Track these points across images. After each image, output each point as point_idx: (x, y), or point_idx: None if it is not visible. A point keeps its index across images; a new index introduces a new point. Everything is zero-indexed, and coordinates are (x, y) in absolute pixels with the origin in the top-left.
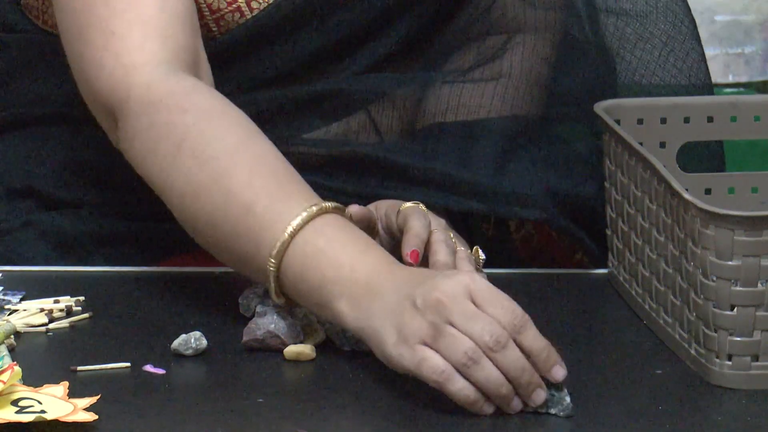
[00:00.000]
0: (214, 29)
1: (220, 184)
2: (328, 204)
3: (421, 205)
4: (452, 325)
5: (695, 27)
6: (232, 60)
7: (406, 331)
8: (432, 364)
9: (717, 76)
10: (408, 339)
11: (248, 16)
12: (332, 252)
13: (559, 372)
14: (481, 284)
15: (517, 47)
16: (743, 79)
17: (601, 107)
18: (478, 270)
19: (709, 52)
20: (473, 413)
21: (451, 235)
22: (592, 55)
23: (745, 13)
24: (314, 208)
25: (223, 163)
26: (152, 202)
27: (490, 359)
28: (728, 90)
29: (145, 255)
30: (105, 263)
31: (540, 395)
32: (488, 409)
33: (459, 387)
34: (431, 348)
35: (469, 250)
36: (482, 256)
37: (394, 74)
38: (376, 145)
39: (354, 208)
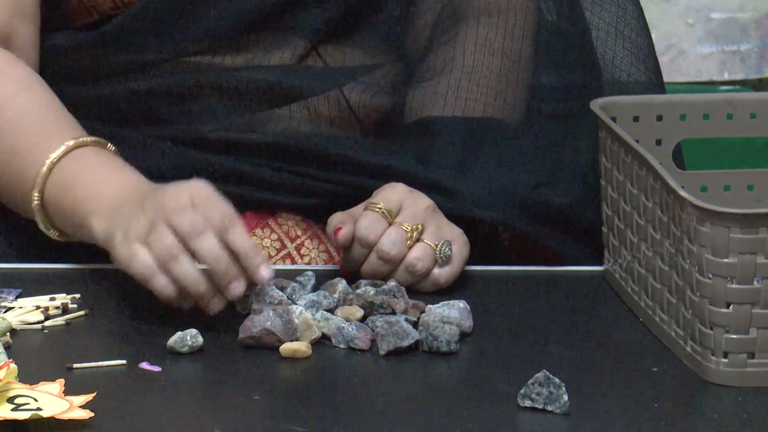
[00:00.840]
0: None
1: None
2: (88, 138)
3: (398, 185)
4: (166, 221)
5: (641, 10)
6: (162, 24)
7: (129, 231)
8: (140, 259)
9: (713, 74)
10: (129, 237)
11: None
12: (85, 175)
13: (265, 271)
14: (202, 189)
15: (470, 34)
16: (739, 76)
17: (597, 104)
18: (437, 263)
19: (705, 50)
20: (471, 413)
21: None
22: (578, 50)
23: (742, 10)
24: (71, 142)
25: None
26: None
27: (189, 249)
28: (724, 87)
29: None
30: (95, 260)
31: (236, 287)
32: (186, 305)
33: (162, 284)
34: (144, 246)
35: (444, 242)
36: (447, 251)
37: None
38: (336, 142)
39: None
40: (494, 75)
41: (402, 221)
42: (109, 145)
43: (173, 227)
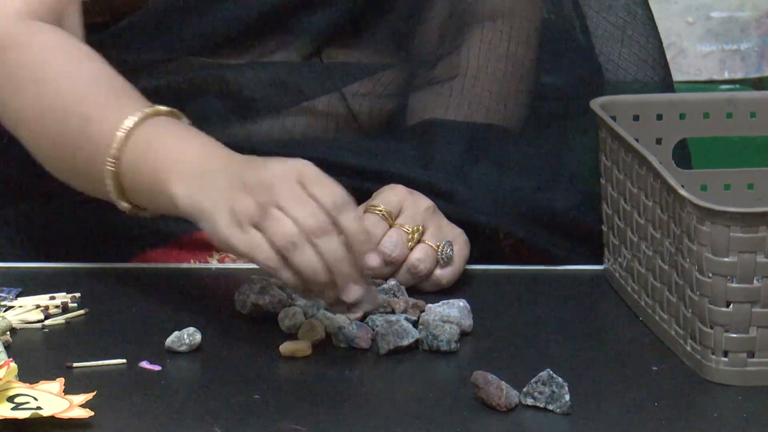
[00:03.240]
0: None
1: (58, 102)
2: (163, 108)
3: (398, 187)
4: (279, 207)
5: (651, 14)
6: (170, 24)
7: (236, 211)
8: (264, 249)
9: (713, 73)
10: (239, 220)
11: None
12: (163, 141)
13: (375, 259)
14: (310, 168)
15: (475, 39)
16: (739, 75)
17: (597, 103)
18: (439, 264)
19: (704, 49)
20: (471, 412)
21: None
22: (579, 50)
23: (741, 9)
24: (147, 110)
25: (60, 84)
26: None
27: (311, 245)
28: (724, 86)
29: (120, 249)
30: (92, 258)
31: (354, 290)
32: (310, 297)
33: (287, 277)
34: (258, 229)
35: (446, 243)
36: (449, 251)
37: (356, 63)
38: (334, 147)
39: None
40: (498, 80)
41: (403, 223)
42: (183, 117)
43: (291, 216)
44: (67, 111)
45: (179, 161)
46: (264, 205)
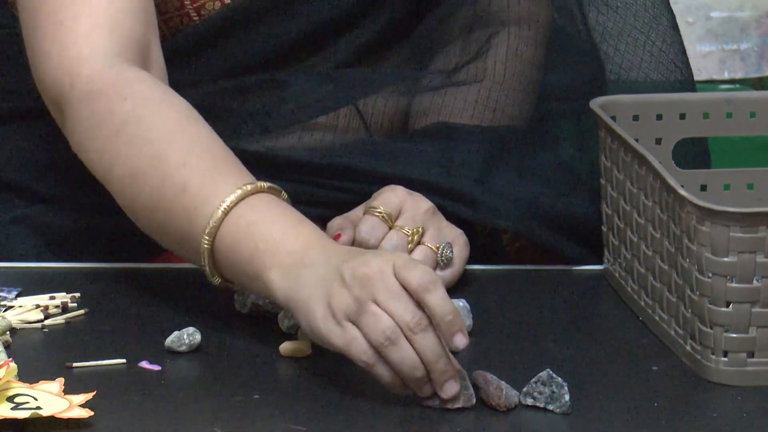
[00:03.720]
0: (195, 18)
1: (156, 167)
2: (263, 183)
3: (398, 188)
4: (376, 302)
5: (674, 18)
6: (212, 46)
7: (333, 306)
8: (359, 344)
9: (712, 73)
10: (335, 314)
11: (227, 1)
12: (264, 225)
13: (461, 341)
14: (402, 258)
15: (501, 45)
16: (739, 75)
17: (596, 103)
18: (439, 266)
19: (704, 49)
20: (471, 412)
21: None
22: (582, 50)
23: (741, 9)
24: (249, 187)
25: (158, 146)
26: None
27: (409, 340)
28: (724, 86)
29: (136, 251)
30: (96, 259)
31: (452, 387)
32: (404, 391)
33: (382, 373)
34: (354, 324)
35: (446, 245)
36: (449, 253)
37: (380, 70)
38: (353, 151)
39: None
40: (522, 86)
41: (402, 225)
42: (282, 192)
43: (387, 311)
44: (165, 177)
45: (279, 248)
46: (361, 300)
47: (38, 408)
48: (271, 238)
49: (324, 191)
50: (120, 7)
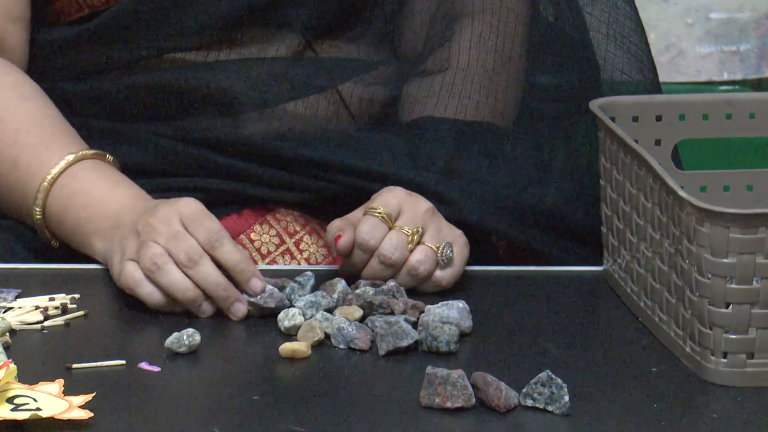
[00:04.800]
0: None
1: None
2: (87, 151)
3: (397, 189)
4: (155, 242)
5: (636, 11)
6: (151, 19)
7: (124, 252)
8: (126, 271)
9: (712, 74)
10: (123, 258)
11: None
12: (84, 193)
13: (257, 284)
14: (191, 207)
15: (465, 32)
16: (738, 76)
17: (596, 104)
18: (439, 265)
19: (704, 50)
20: (471, 412)
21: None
22: (576, 50)
23: (741, 10)
24: (71, 156)
25: None
26: None
27: (187, 276)
28: (723, 87)
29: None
30: (96, 260)
31: (239, 308)
32: (177, 308)
33: (148, 291)
34: (132, 261)
35: (446, 244)
36: (449, 253)
37: (350, 58)
38: (324, 143)
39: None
40: (488, 73)
41: (402, 225)
42: (107, 156)
43: (169, 253)
44: None
45: (96, 217)
46: (142, 241)
47: (38, 409)
48: (89, 206)
49: (295, 177)
50: None
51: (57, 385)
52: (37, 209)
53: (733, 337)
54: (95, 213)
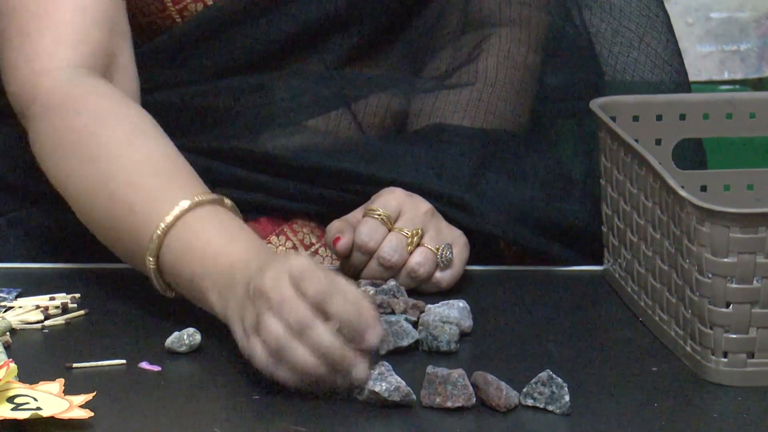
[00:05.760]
0: (177, 20)
1: (105, 186)
2: (203, 197)
3: (397, 190)
4: (271, 312)
5: (669, 20)
6: (197, 48)
7: (245, 324)
8: (257, 354)
9: (712, 73)
10: (246, 330)
11: (209, 3)
12: (199, 246)
13: (373, 335)
14: (299, 265)
15: (493, 48)
16: (739, 76)
17: (596, 104)
18: (439, 267)
19: (704, 49)
20: (471, 412)
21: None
22: (581, 51)
23: (741, 10)
24: (186, 203)
25: (106, 164)
26: None
27: (302, 342)
28: (724, 87)
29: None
30: (96, 260)
31: (360, 369)
32: (318, 389)
33: (284, 376)
34: (258, 339)
35: (445, 246)
36: (448, 254)
37: (373, 73)
38: (345, 153)
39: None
40: (515, 88)
41: (402, 227)
42: (225, 200)
43: (282, 319)
44: (114, 197)
45: (212, 272)
46: (258, 314)
47: (38, 409)
48: (204, 260)
49: (316, 189)
50: (86, 18)
51: (57, 385)
52: (151, 258)
53: (734, 336)
54: (209, 269)
